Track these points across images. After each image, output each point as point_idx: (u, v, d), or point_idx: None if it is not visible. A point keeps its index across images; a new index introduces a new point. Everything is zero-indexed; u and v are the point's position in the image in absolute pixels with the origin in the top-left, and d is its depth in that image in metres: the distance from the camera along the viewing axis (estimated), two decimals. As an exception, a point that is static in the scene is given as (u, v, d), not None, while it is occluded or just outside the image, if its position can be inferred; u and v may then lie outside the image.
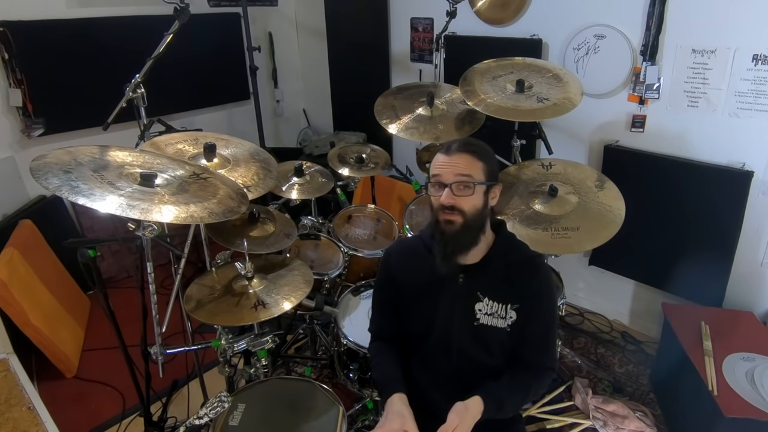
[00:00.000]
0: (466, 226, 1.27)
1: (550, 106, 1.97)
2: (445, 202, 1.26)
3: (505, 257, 1.35)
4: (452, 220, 1.27)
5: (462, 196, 1.25)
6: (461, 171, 1.26)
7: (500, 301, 1.32)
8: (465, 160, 1.27)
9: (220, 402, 1.31)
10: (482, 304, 1.33)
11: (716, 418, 1.70)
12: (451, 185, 1.25)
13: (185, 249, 1.66)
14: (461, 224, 1.26)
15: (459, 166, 1.26)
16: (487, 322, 1.33)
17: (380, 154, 2.63)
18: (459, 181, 1.25)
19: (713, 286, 2.31)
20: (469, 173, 1.26)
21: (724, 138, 2.21)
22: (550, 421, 2.16)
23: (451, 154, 1.28)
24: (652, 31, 2.28)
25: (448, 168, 1.27)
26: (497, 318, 1.32)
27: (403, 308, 1.43)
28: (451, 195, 1.25)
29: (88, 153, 1.33)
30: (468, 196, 1.26)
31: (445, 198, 1.26)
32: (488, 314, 1.33)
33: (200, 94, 3.70)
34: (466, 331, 1.34)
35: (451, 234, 1.27)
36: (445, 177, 1.27)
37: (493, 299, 1.32)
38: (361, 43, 3.75)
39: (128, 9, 3.15)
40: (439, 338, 1.37)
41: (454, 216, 1.26)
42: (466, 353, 1.36)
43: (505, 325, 1.32)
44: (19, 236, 2.56)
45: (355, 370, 1.93)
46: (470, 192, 1.26)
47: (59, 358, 2.41)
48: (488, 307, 1.33)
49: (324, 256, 2.32)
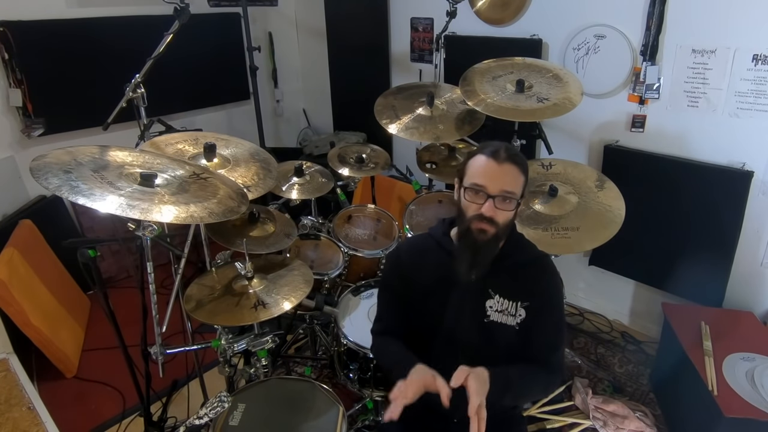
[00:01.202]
0: (497, 237, 1.27)
1: (550, 106, 1.97)
2: (487, 214, 1.23)
3: (515, 256, 1.36)
4: (486, 230, 1.25)
5: (502, 210, 1.24)
6: (509, 187, 1.22)
7: (511, 298, 1.33)
8: (513, 174, 1.24)
9: (220, 402, 1.31)
10: (493, 301, 1.33)
11: (716, 418, 1.70)
12: (495, 197, 1.23)
13: (185, 249, 1.66)
14: (493, 235, 1.26)
15: (507, 180, 1.23)
16: (497, 319, 1.33)
17: (380, 154, 2.63)
18: (504, 195, 1.23)
19: (713, 286, 2.31)
20: (514, 189, 1.24)
21: (724, 138, 2.21)
22: (550, 421, 2.16)
23: (501, 163, 1.23)
24: (652, 31, 2.28)
25: (497, 179, 1.23)
26: (507, 315, 1.33)
27: (412, 305, 1.42)
28: (492, 207, 1.23)
29: (88, 153, 1.33)
30: (508, 211, 1.25)
31: (487, 210, 1.23)
32: (498, 311, 1.33)
33: (200, 94, 3.70)
34: (475, 328, 1.34)
35: (483, 243, 1.27)
36: (491, 188, 1.22)
37: (504, 296, 1.33)
38: (361, 43, 3.75)
39: (128, 9, 3.15)
40: (447, 334, 1.37)
41: (489, 227, 1.25)
42: (473, 350, 1.36)
43: (515, 323, 1.33)
44: (19, 236, 2.56)
45: (355, 370, 1.93)
46: (511, 207, 1.25)
47: (59, 358, 2.41)
48: (499, 304, 1.33)
49: (324, 256, 2.32)
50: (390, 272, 1.48)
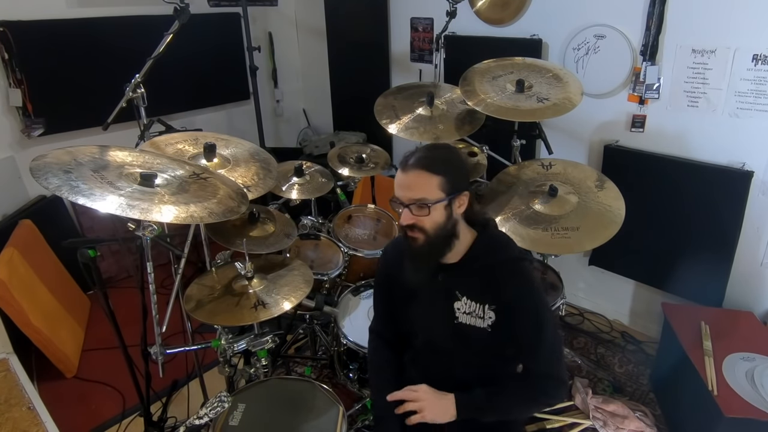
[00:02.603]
0: (429, 242, 1.27)
1: (550, 106, 1.97)
2: (403, 223, 1.26)
3: (485, 257, 1.33)
4: (415, 238, 1.27)
5: (420, 216, 1.24)
6: (414, 194, 1.23)
7: (478, 300, 1.31)
8: (419, 179, 1.23)
9: (220, 402, 1.31)
10: (461, 303, 1.32)
11: (716, 418, 1.70)
12: (409, 206, 1.24)
13: (185, 249, 1.66)
14: (424, 241, 1.26)
15: (413, 188, 1.23)
16: (466, 321, 1.32)
17: (380, 154, 2.63)
18: (416, 203, 1.23)
19: (713, 286, 2.31)
20: (422, 195, 1.22)
21: (724, 138, 2.21)
22: (550, 421, 2.16)
23: (406, 171, 1.24)
24: (652, 31, 2.28)
25: (405, 188, 1.24)
26: (475, 317, 1.31)
27: (397, 307, 1.45)
28: (409, 215, 1.24)
29: (88, 153, 1.33)
30: (426, 216, 1.24)
31: (404, 219, 1.25)
32: (466, 313, 1.32)
33: (200, 94, 3.70)
34: (447, 330, 1.34)
35: (416, 250, 1.28)
36: (403, 197, 1.25)
37: (471, 298, 1.32)
38: (361, 43, 3.75)
39: (128, 9, 3.15)
40: (426, 337, 1.39)
41: (416, 234, 1.26)
42: (450, 352, 1.37)
43: (485, 325, 1.30)
44: (19, 236, 2.56)
45: (355, 370, 1.93)
46: (426, 212, 1.23)
47: (59, 358, 2.41)
48: (466, 306, 1.32)
49: (324, 256, 2.32)
50: (379, 272, 1.53)
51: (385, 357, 1.50)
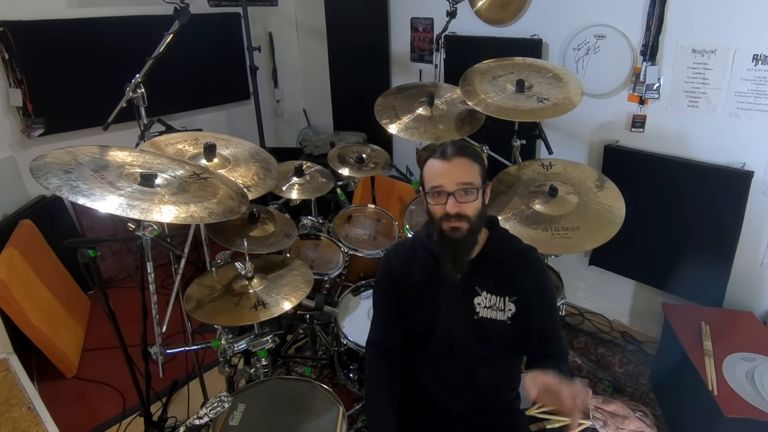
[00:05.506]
0: (471, 230, 1.27)
1: (550, 106, 1.97)
2: (452, 211, 1.25)
3: (499, 251, 1.36)
4: (458, 227, 1.26)
5: (465, 203, 1.25)
6: (462, 179, 1.25)
7: (498, 293, 1.33)
8: (465, 165, 1.27)
9: (220, 402, 1.31)
10: (481, 298, 1.34)
11: (716, 418, 1.70)
12: (454, 193, 1.25)
13: (185, 249, 1.66)
14: (467, 229, 1.26)
15: (460, 173, 1.25)
16: (487, 315, 1.34)
17: (380, 154, 2.63)
18: (462, 188, 1.25)
19: (713, 286, 2.31)
20: (470, 180, 1.25)
21: (724, 138, 2.21)
22: (550, 421, 2.15)
23: (450, 159, 1.27)
24: (652, 31, 2.28)
25: (450, 175, 1.26)
26: (496, 311, 1.33)
27: (406, 310, 1.42)
28: (455, 203, 1.25)
29: (88, 153, 1.33)
30: (471, 202, 1.26)
31: (451, 207, 1.25)
32: (487, 307, 1.34)
33: (200, 94, 3.70)
34: (468, 326, 1.34)
35: (459, 240, 1.28)
36: (447, 185, 1.25)
37: (491, 292, 1.33)
38: (361, 43, 3.75)
39: (128, 9, 3.15)
40: (442, 336, 1.37)
41: (461, 223, 1.26)
42: (469, 349, 1.36)
43: (505, 317, 1.33)
44: (19, 236, 2.56)
45: (355, 370, 1.93)
46: (473, 198, 1.26)
47: (59, 358, 2.41)
48: (487, 300, 1.34)
49: (324, 256, 2.32)
50: (381, 278, 1.47)
51: (388, 382, 1.41)
